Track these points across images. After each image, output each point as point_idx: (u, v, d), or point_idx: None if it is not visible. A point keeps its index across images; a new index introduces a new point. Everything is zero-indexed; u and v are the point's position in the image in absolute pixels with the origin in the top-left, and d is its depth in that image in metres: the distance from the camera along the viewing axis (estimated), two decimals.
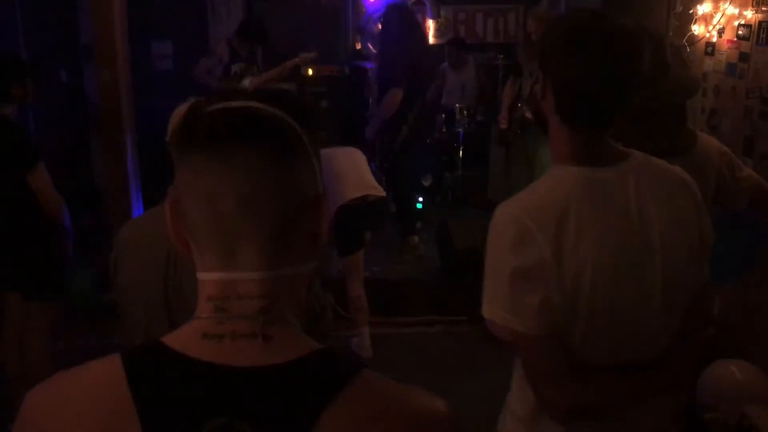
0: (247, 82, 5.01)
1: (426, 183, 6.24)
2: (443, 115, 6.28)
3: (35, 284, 3.03)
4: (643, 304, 1.31)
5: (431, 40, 6.93)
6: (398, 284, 4.58)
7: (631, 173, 1.31)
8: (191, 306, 0.78)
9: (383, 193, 3.82)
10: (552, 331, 1.26)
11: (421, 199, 5.70)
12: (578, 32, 1.28)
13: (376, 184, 3.78)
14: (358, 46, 6.95)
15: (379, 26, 5.28)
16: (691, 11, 4.03)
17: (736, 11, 3.59)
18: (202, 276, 0.78)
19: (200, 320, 0.76)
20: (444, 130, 6.28)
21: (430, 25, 7.24)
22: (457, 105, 6.15)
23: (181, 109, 1.24)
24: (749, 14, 3.48)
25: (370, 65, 6.44)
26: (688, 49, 4.08)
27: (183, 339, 0.75)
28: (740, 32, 3.56)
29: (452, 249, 4.53)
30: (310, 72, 6.45)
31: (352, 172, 3.67)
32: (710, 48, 3.90)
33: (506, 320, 1.27)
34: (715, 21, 3.80)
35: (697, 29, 4.00)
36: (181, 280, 1.48)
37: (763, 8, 3.37)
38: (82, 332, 3.73)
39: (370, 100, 5.75)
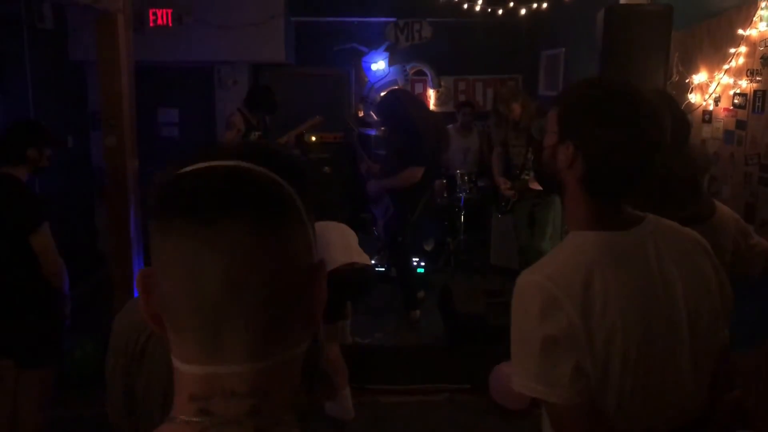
0: None
1: (428, 247, 6.24)
2: (444, 181, 6.34)
3: (29, 351, 2.96)
4: (673, 364, 1.29)
5: (431, 108, 7.08)
6: (400, 351, 4.51)
7: (648, 236, 1.32)
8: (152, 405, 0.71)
9: (369, 261, 3.83)
10: (586, 399, 1.23)
11: (423, 264, 5.69)
12: (616, 107, 1.28)
13: (362, 252, 3.78)
14: (361, 114, 7.10)
15: (383, 99, 5.31)
16: (687, 80, 4.13)
17: (731, 81, 3.67)
18: (181, 366, 0.67)
19: (182, 426, 0.65)
20: (445, 195, 6.33)
21: (431, 94, 7.41)
22: (458, 171, 6.21)
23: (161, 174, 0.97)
24: (744, 84, 3.56)
25: (371, 132, 6.55)
26: None
27: None
28: (736, 101, 3.63)
29: (455, 314, 4.48)
30: (314, 139, 6.56)
31: (339, 240, 3.68)
32: (707, 116, 3.96)
33: (539, 392, 1.23)
34: (711, 90, 3.88)
35: (693, 98, 4.08)
36: (142, 379, 1.42)
37: (758, 78, 3.45)
38: (81, 400, 3.64)
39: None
